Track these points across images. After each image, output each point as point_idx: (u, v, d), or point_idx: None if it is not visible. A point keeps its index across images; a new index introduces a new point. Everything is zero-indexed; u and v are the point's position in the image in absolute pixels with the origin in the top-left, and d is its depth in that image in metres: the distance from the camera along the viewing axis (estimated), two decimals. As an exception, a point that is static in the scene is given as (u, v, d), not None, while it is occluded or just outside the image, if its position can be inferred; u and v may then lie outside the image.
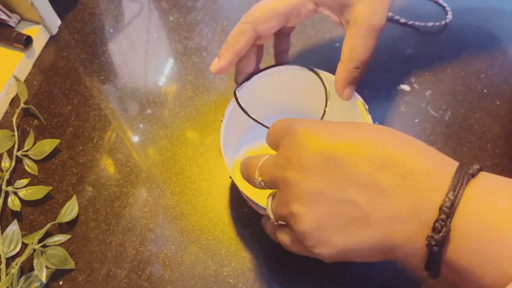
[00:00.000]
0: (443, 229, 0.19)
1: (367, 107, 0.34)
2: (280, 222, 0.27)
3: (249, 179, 0.28)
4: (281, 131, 0.25)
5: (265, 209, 0.30)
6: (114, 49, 0.50)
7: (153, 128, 0.44)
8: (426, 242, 0.20)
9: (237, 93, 0.36)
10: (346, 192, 0.21)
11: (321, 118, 0.34)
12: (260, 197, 0.31)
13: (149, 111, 0.45)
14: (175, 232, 0.39)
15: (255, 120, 0.35)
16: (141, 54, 0.50)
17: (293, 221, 0.23)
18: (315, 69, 0.36)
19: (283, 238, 0.27)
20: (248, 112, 0.35)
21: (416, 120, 0.44)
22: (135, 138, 0.44)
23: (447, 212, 0.19)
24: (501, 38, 0.49)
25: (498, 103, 0.45)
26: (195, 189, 0.41)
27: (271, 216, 0.27)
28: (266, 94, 0.38)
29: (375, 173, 0.21)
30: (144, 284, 0.36)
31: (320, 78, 0.35)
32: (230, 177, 0.33)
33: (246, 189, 0.32)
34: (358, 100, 0.35)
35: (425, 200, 0.20)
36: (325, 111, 0.34)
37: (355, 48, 0.31)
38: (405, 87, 0.46)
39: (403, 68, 0.47)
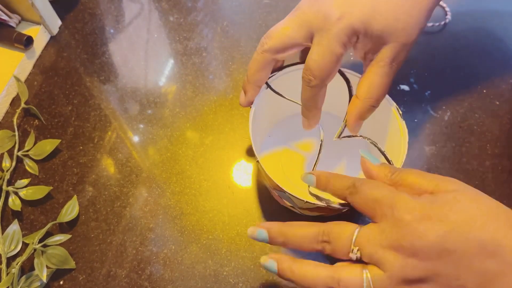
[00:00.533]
0: None
1: (401, 112, 0.34)
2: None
3: (336, 250, 0.26)
4: (382, 205, 0.25)
5: (294, 199, 0.30)
6: (114, 50, 0.50)
7: (153, 128, 0.44)
8: None
9: (270, 83, 0.36)
10: (459, 280, 0.22)
11: (343, 121, 0.33)
12: (288, 186, 0.31)
13: (149, 111, 0.46)
14: (175, 232, 0.39)
15: (292, 101, 0.35)
16: (141, 55, 0.50)
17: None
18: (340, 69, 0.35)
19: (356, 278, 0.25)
20: (284, 96, 0.35)
21: (416, 120, 0.44)
22: (136, 138, 0.44)
23: None
24: (501, 38, 0.49)
25: (497, 103, 0.45)
26: (195, 189, 0.41)
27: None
28: (288, 91, 0.37)
29: (486, 261, 0.22)
30: (145, 284, 0.36)
31: (346, 78, 0.35)
32: (257, 161, 0.33)
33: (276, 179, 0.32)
34: (393, 107, 0.34)
35: None
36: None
37: (376, 86, 0.30)
38: (405, 87, 0.46)
39: (403, 68, 0.47)
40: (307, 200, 0.30)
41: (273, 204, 0.39)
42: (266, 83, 0.35)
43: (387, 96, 0.34)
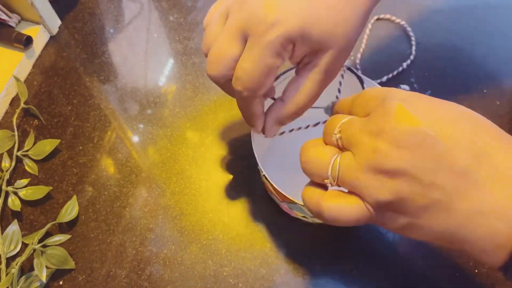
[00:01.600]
0: None
1: None
2: (338, 188, 0.24)
3: (324, 133, 0.26)
4: (374, 99, 0.23)
5: (296, 206, 0.29)
6: (114, 49, 0.50)
7: (153, 128, 0.44)
8: None
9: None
10: (437, 176, 0.20)
11: None
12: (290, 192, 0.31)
13: (149, 111, 0.45)
14: (175, 232, 0.39)
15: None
16: (141, 54, 0.50)
17: (369, 188, 0.21)
18: (352, 68, 0.34)
19: (333, 206, 0.23)
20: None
21: (416, 120, 0.44)
22: (135, 138, 0.44)
23: None
24: (501, 38, 0.49)
25: (498, 103, 0.45)
26: (195, 189, 0.41)
27: (330, 178, 0.24)
28: None
29: (470, 161, 0.19)
30: (144, 284, 0.36)
31: (360, 79, 0.33)
32: (263, 175, 0.32)
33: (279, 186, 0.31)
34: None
35: None
36: None
37: (306, 93, 0.28)
38: (405, 87, 0.46)
39: (403, 68, 0.47)
40: None
41: (273, 204, 0.39)
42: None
43: None
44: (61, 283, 0.37)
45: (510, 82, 0.46)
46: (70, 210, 0.39)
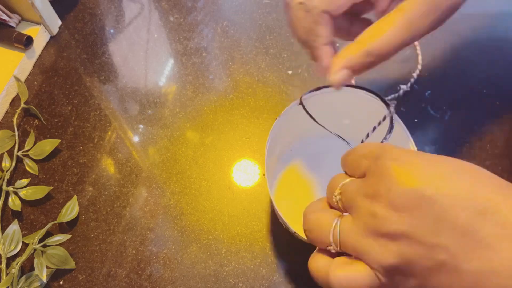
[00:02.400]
0: None
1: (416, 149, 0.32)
2: (341, 253, 0.24)
3: (327, 193, 0.25)
4: (367, 158, 0.23)
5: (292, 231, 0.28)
6: (114, 50, 0.50)
7: (153, 128, 0.44)
8: None
9: (303, 101, 0.32)
10: (439, 237, 0.19)
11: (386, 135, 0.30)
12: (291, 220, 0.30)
13: (149, 111, 0.46)
14: (175, 232, 0.39)
15: (327, 129, 0.32)
16: (141, 55, 0.50)
17: (372, 253, 0.21)
18: (382, 96, 0.32)
19: (342, 276, 0.22)
20: (316, 121, 0.32)
21: (416, 120, 0.44)
22: (136, 138, 0.44)
23: None
24: (502, 38, 0.49)
25: (498, 103, 0.45)
26: (195, 189, 0.41)
27: (333, 244, 0.23)
28: (322, 112, 0.34)
29: (473, 219, 0.18)
30: (145, 284, 0.36)
31: (387, 105, 0.31)
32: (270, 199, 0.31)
33: (283, 212, 0.31)
34: (411, 143, 0.32)
35: None
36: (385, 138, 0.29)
37: (388, 34, 0.25)
38: (404, 87, 0.46)
39: (403, 68, 0.47)
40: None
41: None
42: (300, 99, 0.33)
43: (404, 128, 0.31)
44: (61, 283, 0.37)
45: (510, 83, 0.46)
46: (70, 210, 0.39)
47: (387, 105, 0.31)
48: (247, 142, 0.43)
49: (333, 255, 0.24)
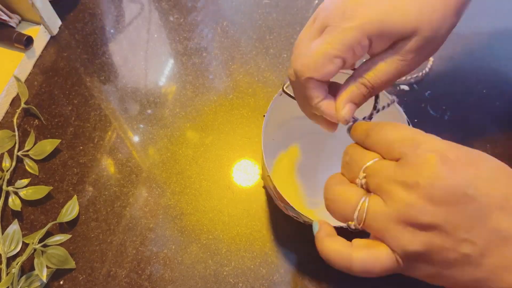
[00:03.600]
0: None
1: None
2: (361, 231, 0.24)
3: (346, 170, 0.25)
4: (403, 144, 0.22)
5: (298, 214, 0.28)
6: (114, 50, 0.50)
7: (154, 128, 0.44)
8: None
9: (284, 89, 0.33)
10: (470, 233, 0.20)
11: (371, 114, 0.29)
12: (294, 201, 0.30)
13: (149, 111, 0.46)
14: (175, 232, 0.39)
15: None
16: (142, 55, 0.50)
17: (400, 239, 0.21)
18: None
19: (366, 257, 0.23)
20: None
21: (416, 120, 0.44)
22: (136, 138, 0.44)
23: None
24: (502, 39, 0.49)
25: (498, 103, 0.45)
26: (195, 189, 0.41)
27: (355, 221, 0.23)
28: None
29: (503, 218, 0.20)
30: (145, 284, 0.36)
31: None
32: (268, 175, 0.32)
33: (283, 191, 0.31)
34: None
35: None
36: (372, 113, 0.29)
37: (384, 69, 0.26)
38: (405, 87, 0.46)
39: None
40: (312, 220, 0.29)
41: (273, 204, 0.39)
42: (282, 89, 0.33)
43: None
44: (61, 282, 0.37)
45: (509, 82, 0.46)
46: (70, 210, 0.39)
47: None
48: (247, 142, 0.43)
49: (339, 232, 0.24)
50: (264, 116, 0.34)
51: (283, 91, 0.33)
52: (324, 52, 0.25)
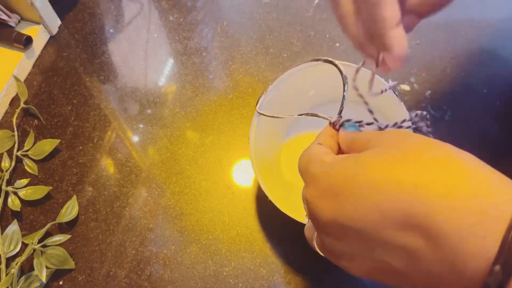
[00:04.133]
0: None
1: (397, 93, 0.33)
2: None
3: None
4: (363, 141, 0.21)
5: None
6: (114, 49, 0.50)
7: (153, 128, 0.44)
8: None
9: (258, 111, 0.34)
10: (382, 256, 0.18)
11: (341, 104, 0.28)
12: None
13: (149, 111, 0.45)
14: (175, 232, 0.39)
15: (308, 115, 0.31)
16: (141, 54, 0.50)
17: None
18: (328, 58, 0.32)
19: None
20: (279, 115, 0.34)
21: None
22: (135, 138, 0.44)
23: None
24: (501, 39, 0.49)
25: (498, 103, 0.45)
26: (195, 189, 0.41)
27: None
28: (291, 95, 0.37)
29: (406, 235, 0.17)
30: (144, 284, 0.36)
31: (336, 65, 0.30)
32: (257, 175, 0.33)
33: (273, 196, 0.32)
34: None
35: (464, 270, 0.15)
36: (344, 96, 0.28)
37: None
38: (405, 87, 0.46)
39: (403, 68, 0.47)
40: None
41: (273, 204, 0.39)
42: (257, 111, 0.34)
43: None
44: (61, 283, 0.37)
45: (510, 82, 0.46)
46: (70, 210, 0.39)
47: (341, 72, 0.29)
48: (247, 142, 0.43)
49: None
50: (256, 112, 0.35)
51: (258, 112, 0.34)
52: None
